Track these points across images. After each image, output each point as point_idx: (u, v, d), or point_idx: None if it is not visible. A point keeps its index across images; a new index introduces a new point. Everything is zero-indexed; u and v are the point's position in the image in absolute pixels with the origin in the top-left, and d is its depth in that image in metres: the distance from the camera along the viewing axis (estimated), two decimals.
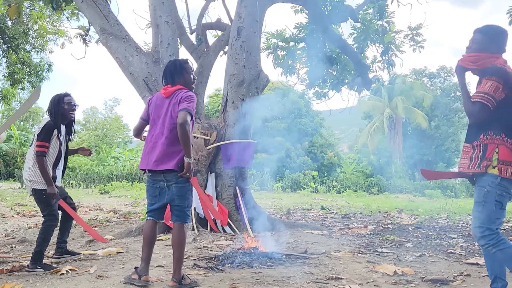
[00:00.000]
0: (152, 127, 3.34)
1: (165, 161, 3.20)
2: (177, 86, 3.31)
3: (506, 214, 11.47)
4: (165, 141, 3.21)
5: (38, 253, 3.78)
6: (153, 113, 3.36)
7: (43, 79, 15.54)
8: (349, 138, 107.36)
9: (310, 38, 8.73)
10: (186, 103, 3.15)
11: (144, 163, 3.32)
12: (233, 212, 6.57)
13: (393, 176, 31.41)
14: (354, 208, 12.47)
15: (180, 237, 3.24)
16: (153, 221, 3.39)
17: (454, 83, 40.69)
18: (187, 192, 3.31)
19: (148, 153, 3.30)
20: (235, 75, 6.91)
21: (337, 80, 9.84)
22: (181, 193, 3.28)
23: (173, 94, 3.28)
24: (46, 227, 3.86)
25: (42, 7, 12.58)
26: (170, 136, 3.21)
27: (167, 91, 3.30)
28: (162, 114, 3.28)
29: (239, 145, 6.69)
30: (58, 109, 4.01)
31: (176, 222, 3.28)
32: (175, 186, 3.26)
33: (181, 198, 3.28)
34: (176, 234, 3.25)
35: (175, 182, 3.25)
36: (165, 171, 3.22)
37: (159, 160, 3.21)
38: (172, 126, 3.21)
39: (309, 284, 3.41)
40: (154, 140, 3.28)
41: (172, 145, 3.20)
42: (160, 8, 6.70)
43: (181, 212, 3.29)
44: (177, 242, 3.23)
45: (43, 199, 3.88)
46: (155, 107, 3.35)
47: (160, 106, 3.32)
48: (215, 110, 29.93)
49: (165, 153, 3.21)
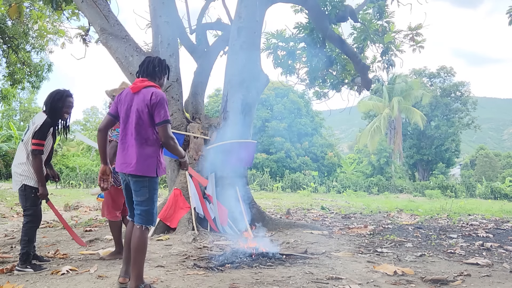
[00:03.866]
0: (124, 126, 3.15)
1: (134, 164, 3.04)
2: (148, 83, 3.14)
3: (506, 214, 11.45)
4: (135, 142, 3.06)
5: (25, 254, 3.75)
6: (121, 110, 3.17)
7: (43, 79, 15.54)
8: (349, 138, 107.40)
9: (310, 38, 8.73)
10: (162, 112, 3.02)
11: (118, 164, 3.16)
12: (233, 212, 6.57)
13: (393, 176, 31.41)
14: (354, 208, 12.47)
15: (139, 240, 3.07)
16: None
17: (454, 83, 40.69)
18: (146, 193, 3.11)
19: (121, 153, 3.14)
20: (235, 75, 6.91)
21: (337, 80, 9.83)
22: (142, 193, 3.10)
23: (141, 92, 3.10)
24: (28, 228, 3.81)
25: (42, 7, 12.58)
26: (138, 138, 3.06)
27: (137, 86, 3.12)
28: (130, 112, 3.10)
29: (239, 145, 6.69)
30: (57, 107, 3.89)
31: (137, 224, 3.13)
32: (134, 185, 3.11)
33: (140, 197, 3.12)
34: (134, 236, 3.10)
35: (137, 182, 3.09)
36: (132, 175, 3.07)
37: (129, 162, 3.06)
38: (140, 126, 3.06)
39: (309, 284, 3.41)
40: (124, 140, 3.12)
41: (142, 147, 3.05)
42: (160, 8, 6.70)
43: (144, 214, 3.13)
44: (134, 244, 3.08)
45: (31, 197, 3.82)
46: (124, 104, 3.15)
47: (128, 103, 3.13)
48: (215, 110, 29.92)
49: (136, 156, 3.04)
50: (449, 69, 41.27)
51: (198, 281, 3.41)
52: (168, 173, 6.77)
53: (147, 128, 3.06)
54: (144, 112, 3.04)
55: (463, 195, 24.75)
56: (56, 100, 3.90)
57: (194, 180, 6.28)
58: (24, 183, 3.81)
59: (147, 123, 3.06)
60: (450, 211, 11.50)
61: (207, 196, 6.41)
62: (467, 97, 40.50)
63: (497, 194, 24.31)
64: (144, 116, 3.04)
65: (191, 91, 7.69)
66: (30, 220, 3.83)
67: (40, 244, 5.26)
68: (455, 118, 39.48)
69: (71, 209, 10.32)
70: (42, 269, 3.78)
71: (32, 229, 3.84)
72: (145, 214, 3.09)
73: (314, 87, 10.23)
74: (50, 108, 3.89)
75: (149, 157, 3.06)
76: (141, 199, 3.09)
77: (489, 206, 15.31)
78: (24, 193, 3.83)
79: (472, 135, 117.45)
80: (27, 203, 3.84)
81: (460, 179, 34.97)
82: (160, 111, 3.03)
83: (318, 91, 10.33)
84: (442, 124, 38.86)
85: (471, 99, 40.85)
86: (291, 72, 9.62)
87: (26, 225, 3.82)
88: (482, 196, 24.38)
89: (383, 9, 8.12)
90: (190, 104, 7.50)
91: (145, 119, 3.05)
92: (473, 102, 40.72)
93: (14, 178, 3.88)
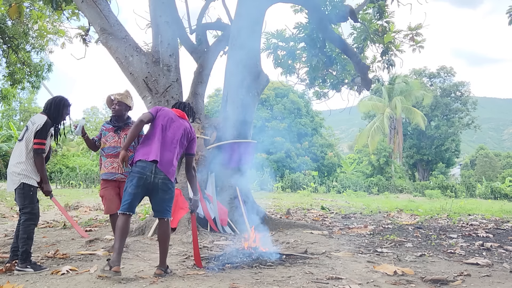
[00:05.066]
0: (165, 133, 3.72)
1: (168, 167, 3.67)
2: (185, 115, 3.94)
3: (506, 214, 11.45)
4: (174, 152, 3.73)
5: (24, 252, 3.77)
6: (165, 121, 3.75)
7: (43, 79, 15.51)
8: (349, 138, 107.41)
9: (310, 38, 8.73)
10: (194, 146, 3.93)
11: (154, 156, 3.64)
12: (233, 212, 6.57)
13: (393, 176, 31.42)
14: (354, 208, 12.47)
15: (168, 231, 3.73)
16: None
17: (454, 83, 40.70)
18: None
19: (159, 151, 3.65)
20: (235, 75, 6.91)
21: (337, 80, 9.83)
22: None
23: (185, 120, 3.89)
24: (26, 226, 3.83)
25: (42, 7, 12.57)
26: (177, 150, 3.76)
27: (181, 114, 3.90)
28: (176, 126, 3.77)
29: (239, 145, 6.69)
30: (60, 112, 4.05)
31: (162, 218, 3.72)
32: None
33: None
34: (166, 228, 3.72)
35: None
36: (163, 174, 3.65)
37: (167, 165, 3.66)
38: (180, 143, 3.78)
39: (309, 284, 3.41)
40: (165, 145, 3.71)
41: (175, 158, 3.74)
42: (160, 8, 6.70)
43: (169, 209, 3.78)
44: (167, 234, 3.73)
45: (30, 195, 3.87)
46: (169, 119, 3.77)
47: (174, 121, 3.79)
48: (215, 110, 29.92)
49: (173, 163, 3.70)
50: (449, 69, 41.29)
51: (198, 281, 3.41)
52: None
53: (182, 147, 3.84)
54: (187, 138, 3.83)
55: (463, 195, 24.75)
56: (61, 105, 4.08)
57: None
58: (22, 182, 3.85)
59: (184, 145, 3.84)
60: (450, 211, 11.50)
61: (207, 196, 6.41)
62: (467, 97, 40.52)
63: (497, 194, 24.31)
64: (185, 139, 3.82)
65: (191, 91, 7.68)
66: (28, 218, 3.85)
67: (40, 244, 5.26)
68: (455, 118, 39.49)
69: (71, 209, 10.32)
70: (42, 269, 3.79)
71: (31, 227, 3.86)
72: (169, 209, 3.73)
73: (314, 87, 10.23)
74: (56, 111, 4.04)
75: (175, 165, 3.75)
76: (168, 197, 3.69)
77: (489, 206, 15.31)
78: (23, 191, 3.86)
79: (472, 135, 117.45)
80: (26, 201, 3.86)
81: (460, 179, 35.00)
82: (193, 145, 3.92)
83: (318, 91, 10.32)
84: (442, 124, 38.86)
85: (471, 99, 40.86)
86: (291, 72, 9.62)
87: (24, 223, 3.85)
88: (482, 196, 24.39)
89: (383, 9, 8.11)
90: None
91: (185, 141, 3.83)
92: (473, 102, 40.74)
93: (11, 178, 3.89)
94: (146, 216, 7.30)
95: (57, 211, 9.84)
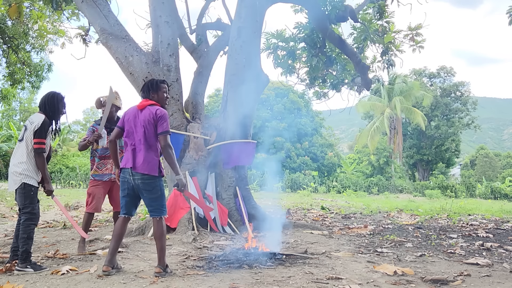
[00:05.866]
0: (131, 135, 3.73)
1: (143, 167, 3.65)
2: (150, 101, 3.77)
3: (506, 214, 11.43)
4: (143, 147, 3.66)
5: (24, 252, 3.78)
6: (129, 125, 3.75)
7: (43, 79, 15.51)
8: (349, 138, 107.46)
9: (310, 38, 8.72)
10: (164, 124, 3.66)
11: (126, 163, 3.75)
12: (233, 212, 6.57)
13: (393, 176, 31.42)
14: (354, 208, 12.47)
15: (161, 228, 3.68)
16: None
17: (454, 83, 40.70)
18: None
19: (130, 157, 3.70)
20: (235, 75, 6.91)
21: (337, 80, 9.83)
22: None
23: (146, 108, 3.73)
24: (26, 226, 3.84)
25: (42, 7, 12.56)
26: (146, 144, 3.67)
27: (142, 104, 3.76)
28: (137, 124, 3.70)
29: (239, 145, 6.69)
30: (56, 108, 4.02)
31: (154, 217, 3.71)
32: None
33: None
34: (157, 227, 3.70)
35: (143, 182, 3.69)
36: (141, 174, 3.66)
37: (138, 164, 3.66)
38: (147, 135, 3.66)
39: (309, 284, 3.41)
40: (133, 147, 3.70)
41: (147, 152, 3.67)
42: (160, 8, 6.70)
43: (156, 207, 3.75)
44: (160, 233, 3.66)
45: (31, 195, 3.88)
46: (131, 118, 3.74)
47: (136, 118, 3.73)
48: (215, 110, 29.92)
49: (143, 158, 3.65)
50: (449, 69, 41.28)
51: (198, 281, 3.41)
52: (168, 173, 6.76)
53: (152, 137, 3.69)
54: (151, 123, 3.67)
55: (463, 195, 24.75)
56: (56, 100, 4.04)
57: (194, 180, 6.28)
58: (23, 182, 3.85)
59: (152, 133, 3.68)
60: (450, 211, 11.50)
61: (207, 196, 6.41)
62: (467, 97, 40.51)
63: (497, 194, 24.31)
64: (150, 127, 3.67)
65: (191, 91, 7.69)
66: (28, 217, 3.86)
67: (40, 244, 5.26)
68: (455, 118, 39.49)
69: (71, 209, 10.32)
70: (42, 269, 3.79)
71: (31, 227, 3.86)
72: (159, 207, 3.72)
73: (314, 87, 10.23)
74: (53, 109, 4.01)
75: (153, 159, 3.68)
76: (155, 196, 3.69)
77: (489, 206, 15.31)
78: (24, 191, 3.87)
79: (472, 135, 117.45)
80: (26, 201, 3.87)
81: (460, 179, 34.98)
82: (163, 123, 3.67)
83: (318, 91, 10.32)
84: (442, 124, 38.86)
85: (471, 99, 40.86)
86: (291, 72, 9.62)
87: (24, 222, 3.85)
88: (482, 196, 24.39)
89: (383, 9, 8.11)
90: (190, 104, 7.50)
91: (151, 129, 3.67)
92: (473, 102, 40.74)
93: (13, 178, 3.90)
94: (146, 216, 7.30)
95: (57, 211, 9.84)
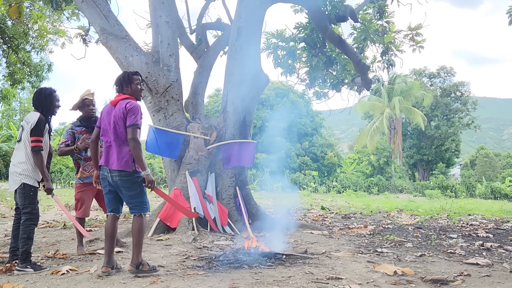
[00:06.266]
0: (105, 135, 3.66)
1: (118, 164, 3.55)
2: (123, 96, 3.65)
3: (506, 214, 11.43)
4: (115, 144, 3.57)
5: (24, 252, 3.78)
6: (103, 121, 3.67)
7: (43, 79, 15.52)
8: (349, 138, 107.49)
9: (310, 38, 8.72)
10: (133, 117, 3.51)
11: (102, 161, 3.68)
12: (233, 212, 6.57)
13: (393, 176, 31.42)
14: (354, 208, 12.47)
15: (139, 225, 3.61)
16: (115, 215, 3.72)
17: (454, 83, 40.69)
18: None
19: (105, 155, 3.63)
20: (235, 75, 6.91)
21: (337, 80, 9.83)
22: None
23: (118, 103, 3.61)
24: (26, 226, 3.84)
25: (42, 7, 12.57)
26: (117, 140, 3.57)
27: (115, 100, 3.65)
28: (110, 121, 3.60)
29: (239, 145, 6.69)
30: (49, 104, 4.00)
31: (134, 214, 3.63)
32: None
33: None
34: (134, 223, 3.63)
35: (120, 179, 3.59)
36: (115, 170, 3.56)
37: (112, 161, 3.58)
38: (117, 130, 3.55)
39: (309, 284, 3.41)
40: (108, 144, 3.62)
41: (120, 147, 3.56)
42: (160, 8, 6.70)
43: (136, 205, 3.64)
44: (136, 229, 3.60)
45: (30, 196, 3.88)
46: (105, 115, 3.66)
47: (108, 114, 3.64)
48: (215, 110, 29.92)
49: (116, 155, 3.56)
50: (449, 69, 41.27)
51: (198, 281, 3.41)
52: (168, 173, 6.77)
53: (123, 132, 3.56)
54: (120, 118, 3.54)
55: (463, 195, 24.75)
56: (47, 96, 4.02)
57: (194, 180, 6.28)
58: (23, 182, 3.86)
59: (123, 128, 3.55)
60: (450, 211, 11.50)
61: (207, 196, 6.41)
62: (467, 97, 40.51)
63: (497, 194, 24.31)
64: (120, 121, 3.55)
65: (191, 91, 7.69)
66: (28, 218, 3.86)
67: (40, 244, 5.26)
68: (455, 118, 39.48)
69: (71, 209, 10.32)
70: (42, 269, 3.79)
71: (31, 227, 3.87)
72: (140, 204, 3.63)
73: (314, 87, 10.22)
74: (43, 105, 3.99)
75: (126, 155, 3.55)
76: (133, 193, 3.59)
77: (489, 206, 15.31)
78: (23, 191, 3.87)
79: (472, 135, 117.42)
80: (26, 201, 3.88)
81: (460, 179, 34.98)
82: (131, 116, 3.52)
83: (318, 91, 10.32)
84: (442, 124, 38.85)
85: (471, 99, 40.85)
86: (291, 72, 9.62)
87: (24, 223, 3.86)
88: (482, 196, 24.39)
89: (383, 9, 8.11)
90: (190, 104, 7.50)
91: (121, 124, 3.55)
92: (473, 102, 40.73)
93: (13, 178, 3.91)
94: (146, 216, 7.30)
95: (57, 211, 9.84)
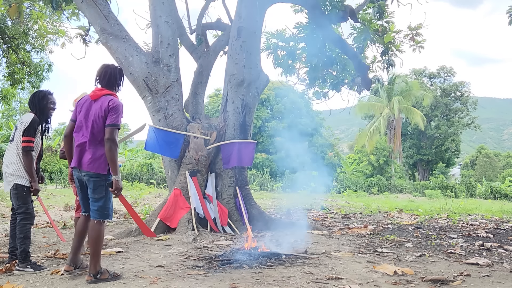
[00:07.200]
0: (79, 132, 3.46)
1: (91, 165, 3.36)
2: (106, 91, 3.47)
3: (506, 214, 11.43)
4: (90, 143, 3.37)
5: (23, 252, 3.79)
6: (80, 118, 3.46)
7: (43, 79, 15.54)
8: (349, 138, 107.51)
9: (310, 38, 8.72)
10: (114, 116, 3.34)
11: (73, 162, 3.48)
12: (233, 212, 6.58)
13: (393, 176, 31.41)
14: (354, 208, 12.47)
15: (97, 233, 3.38)
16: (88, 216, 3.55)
17: (454, 83, 40.69)
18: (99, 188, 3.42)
19: (77, 153, 3.43)
20: (235, 75, 6.91)
21: (337, 80, 9.83)
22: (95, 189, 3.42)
23: (100, 99, 3.43)
24: (23, 226, 3.86)
25: (42, 7, 12.58)
26: (92, 140, 3.37)
27: (96, 94, 3.46)
28: (88, 117, 3.41)
29: (239, 145, 6.69)
30: (43, 106, 4.03)
31: (94, 218, 3.41)
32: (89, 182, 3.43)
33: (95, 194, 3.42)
34: (91, 230, 3.40)
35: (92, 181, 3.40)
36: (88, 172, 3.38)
37: (84, 161, 3.39)
38: (94, 129, 3.36)
39: (309, 284, 3.41)
40: (82, 142, 3.41)
41: (95, 148, 3.37)
42: (160, 8, 6.70)
43: (98, 209, 3.42)
44: (93, 237, 3.36)
45: (23, 195, 3.90)
46: (83, 110, 3.46)
47: (87, 110, 3.45)
48: (215, 110, 29.92)
49: (91, 155, 3.35)
50: (449, 69, 41.27)
51: (198, 281, 3.41)
52: (168, 173, 6.77)
53: (101, 131, 3.37)
54: (101, 116, 3.36)
55: (463, 195, 24.73)
56: (41, 98, 4.05)
57: (194, 180, 6.29)
58: (15, 182, 3.89)
59: (101, 127, 3.36)
60: (450, 211, 11.50)
61: (207, 196, 6.42)
62: (467, 97, 40.50)
63: (497, 194, 24.29)
64: (100, 120, 3.36)
65: (191, 91, 7.69)
66: (23, 217, 3.88)
67: (40, 244, 5.25)
68: (455, 118, 39.48)
69: (71, 209, 10.31)
70: (42, 269, 3.79)
71: (27, 226, 3.89)
72: (102, 210, 3.41)
73: (314, 87, 10.22)
74: (38, 107, 4.03)
75: (101, 156, 3.36)
76: (98, 196, 3.39)
77: (489, 206, 15.31)
78: (16, 192, 3.90)
79: (472, 135, 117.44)
80: (20, 201, 3.90)
81: (460, 179, 34.95)
82: (113, 115, 3.35)
83: (318, 91, 10.31)
84: (442, 124, 38.85)
85: (471, 99, 40.85)
86: (291, 72, 9.62)
87: (20, 223, 3.88)
88: (482, 196, 24.37)
89: (383, 9, 8.11)
90: (190, 104, 7.50)
91: (100, 123, 3.36)
92: (473, 102, 40.74)
93: (6, 179, 3.95)
94: (146, 216, 7.30)
95: (57, 211, 9.84)
